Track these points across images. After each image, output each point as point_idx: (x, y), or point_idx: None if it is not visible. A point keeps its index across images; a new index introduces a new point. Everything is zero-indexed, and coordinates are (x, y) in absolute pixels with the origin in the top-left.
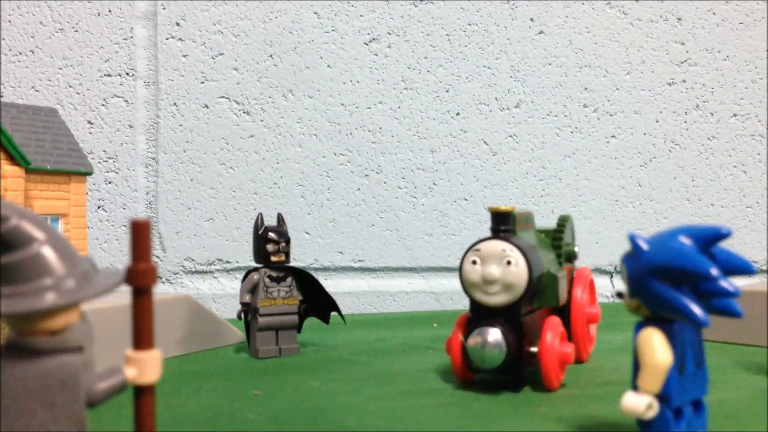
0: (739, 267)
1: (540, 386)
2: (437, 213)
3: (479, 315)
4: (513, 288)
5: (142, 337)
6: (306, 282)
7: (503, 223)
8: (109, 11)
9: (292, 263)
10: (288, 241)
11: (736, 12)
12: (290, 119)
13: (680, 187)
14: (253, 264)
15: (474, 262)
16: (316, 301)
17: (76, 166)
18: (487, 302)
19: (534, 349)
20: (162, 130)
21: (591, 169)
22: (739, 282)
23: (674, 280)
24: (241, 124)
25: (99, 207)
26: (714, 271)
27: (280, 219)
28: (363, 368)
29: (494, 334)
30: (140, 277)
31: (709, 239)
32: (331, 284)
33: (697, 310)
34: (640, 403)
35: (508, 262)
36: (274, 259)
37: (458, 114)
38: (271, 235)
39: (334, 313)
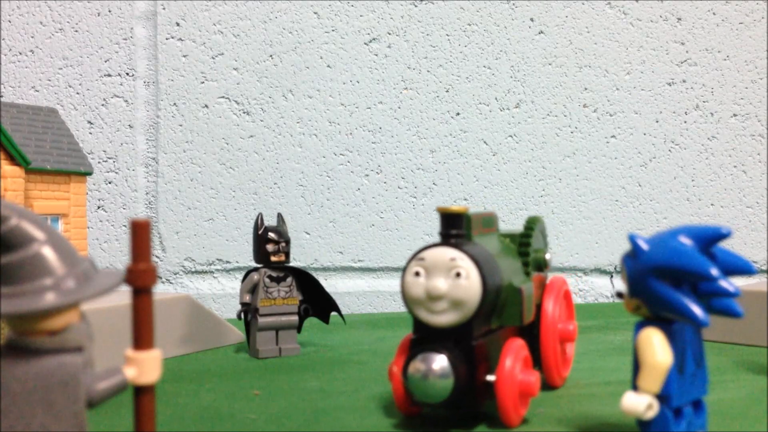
0: (739, 267)
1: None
2: (437, 213)
3: (424, 337)
4: (463, 305)
5: (142, 337)
6: (306, 282)
7: (454, 227)
8: (109, 11)
9: (292, 263)
10: (288, 241)
11: (736, 12)
12: (290, 119)
13: (680, 187)
14: (253, 264)
15: (417, 274)
16: (316, 301)
17: (76, 166)
18: (432, 322)
19: (491, 378)
20: (162, 130)
21: (591, 169)
22: (739, 282)
23: (674, 280)
24: (241, 124)
25: (99, 207)
26: (714, 271)
27: (280, 219)
28: (363, 368)
29: (439, 362)
30: (140, 277)
31: (709, 239)
32: (331, 284)
33: (697, 310)
34: (640, 403)
35: (458, 274)
36: (274, 259)
37: (458, 114)
38: (271, 235)
39: (334, 313)
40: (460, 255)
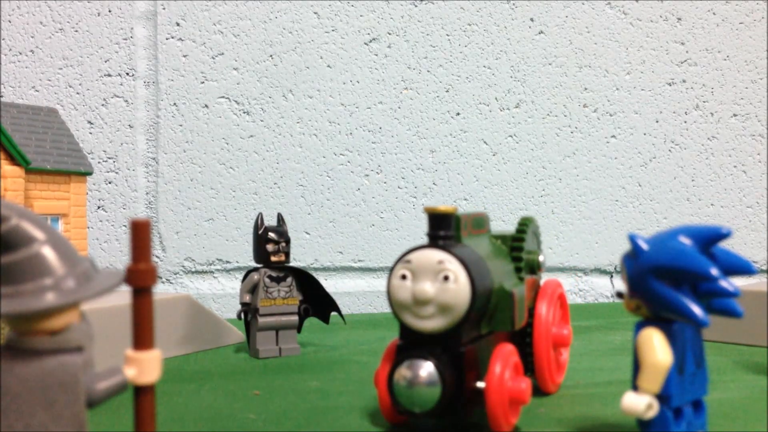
0: (739, 267)
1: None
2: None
3: (410, 343)
4: (451, 310)
5: (142, 337)
6: (306, 282)
7: (442, 228)
8: (109, 11)
9: (292, 263)
10: (288, 241)
11: (736, 12)
12: (290, 119)
13: (680, 187)
14: (253, 264)
15: (403, 277)
16: (316, 301)
17: (76, 166)
18: (419, 327)
19: (481, 385)
20: (162, 130)
21: (591, 169)
22: (739, 282)
23: (674, 280)
24: (241, 124)
25: (99, 207)
26: (714, 271)
27: (280, 219)
28: (363, 368)
29: (426, 369)
30: (140, 277)
31: (709, 239)
32: (331, 284)
33: (697, 310)
34: (640, 403)
35: (446, 278)
36: (274, 259)
37: (458, 114)
38: (271, 235)
39: (334, 313)
40: (448, 257)
